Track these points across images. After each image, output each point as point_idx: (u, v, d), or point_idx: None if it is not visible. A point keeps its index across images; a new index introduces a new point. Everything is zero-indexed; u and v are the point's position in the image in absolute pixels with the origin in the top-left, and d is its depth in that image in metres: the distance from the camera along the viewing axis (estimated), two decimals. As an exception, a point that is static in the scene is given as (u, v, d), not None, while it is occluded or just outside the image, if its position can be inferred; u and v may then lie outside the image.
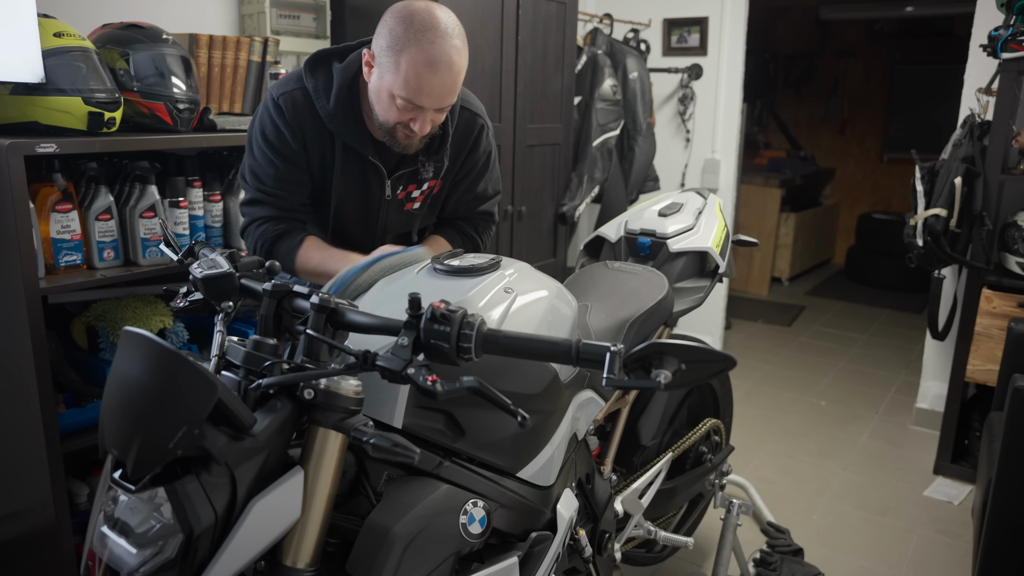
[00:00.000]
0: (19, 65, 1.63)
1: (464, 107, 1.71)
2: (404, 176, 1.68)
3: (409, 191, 1.72)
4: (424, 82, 1.43)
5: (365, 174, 1.66)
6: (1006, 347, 2.51)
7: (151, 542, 0.90)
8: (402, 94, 1.45)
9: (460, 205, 1.83)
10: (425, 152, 1.66)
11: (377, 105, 1.52)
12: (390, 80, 1.46)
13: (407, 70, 1.43)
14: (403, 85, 1.44)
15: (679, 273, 2.03)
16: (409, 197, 1.73)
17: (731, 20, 3.90)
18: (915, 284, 5.63)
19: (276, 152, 1.60)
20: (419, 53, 1.42)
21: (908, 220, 2.91)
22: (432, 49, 1.42)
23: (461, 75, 1.49)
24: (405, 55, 1.43)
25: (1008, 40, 2.59)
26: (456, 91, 1.50)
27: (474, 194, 1.82)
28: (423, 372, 0.95)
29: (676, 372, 0.90)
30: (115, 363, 0.95)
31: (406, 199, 1.73)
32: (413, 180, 1.70)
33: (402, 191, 1.71)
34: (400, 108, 1.48)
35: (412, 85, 1.44)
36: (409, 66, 1.43)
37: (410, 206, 1.74)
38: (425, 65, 1.42)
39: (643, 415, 1.98)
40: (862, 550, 2.53)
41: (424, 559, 1.10)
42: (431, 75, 1.43)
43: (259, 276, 1.22)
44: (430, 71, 1.43)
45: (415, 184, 1.71)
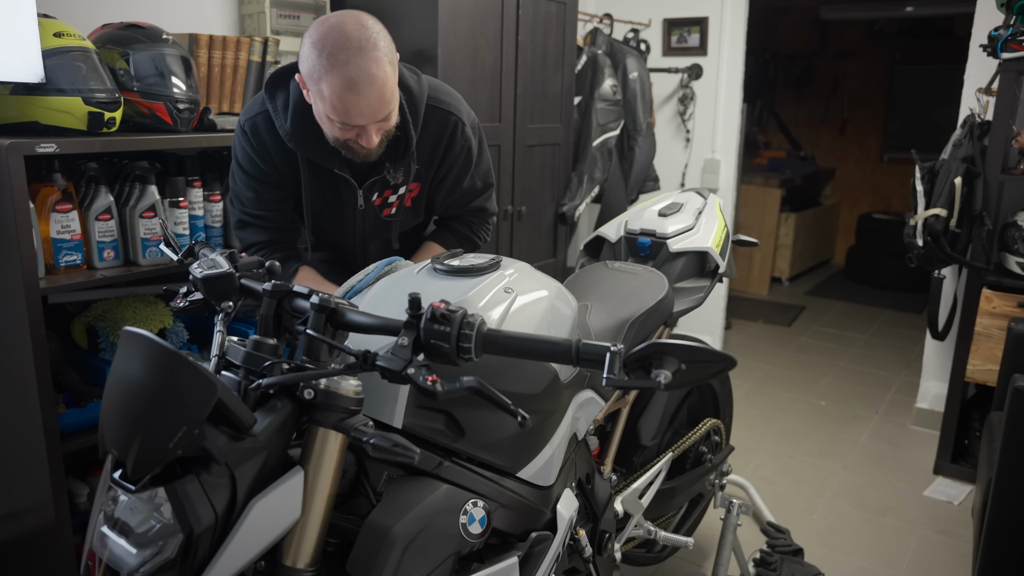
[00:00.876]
0: (19, 65, 1.63)
1: (434, 106, 1.66)
2: (377, 183, 1.66)
3: (385, 197, 1.70)
4: (350, 104, 1.41)
5: (336, 186, 1.65)
6: (1006, 347, 2.51)
7: (151, 542, 0.90)
8: (335, 117, 1.44)
9: (449, 204, 1.81)
10: (391, 157, 1.62)
11: (322, 125, 1.51)
12: (321, 106, 1.45)
13: (330, 96, 1.41)
14: (332, 110, 1.43)
15: (679, 273, 2.03)
16: (386, 203, 1.71)
17: (731, 20, 3.90)
18: (915, 284, 5.63)
19: (251, 177, 1.65)
20: (335, 78, 1.38)
21: (908, 220, 2.91)
22: (347, 70, 1.38)
23: (388, 84, 1.43)
24: (324, 82, 1.40)
25: (1008, 40, 2.59)
26: (388, 101, 1.45)
27: (460, 191, 1.79)
28: (423, 372, 0.95)
29: (676, 372, 0.90)
30: (115, 363, 0.95)
31: (383, 206, 1.71)
32: (386, 187, 1.68)
33: (378, 198, 1.69)
34: (340, 128, 1.46)
35: (340, 109, 1.42)
36: (331, 92, 1.40)
37: (387, 212, 1.72)
38: (345, 88, 1.39)
39: (643, 415, 1.98)
40: (862, 550, 2.53)
41: (424, 559, 1.10)
42: (354, 96, 1.40)
43: (259, 276, 1.22)
44: (352, 93, 1.39)
45: (390, 190, 1.69)
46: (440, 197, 1.79)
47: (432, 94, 1.67)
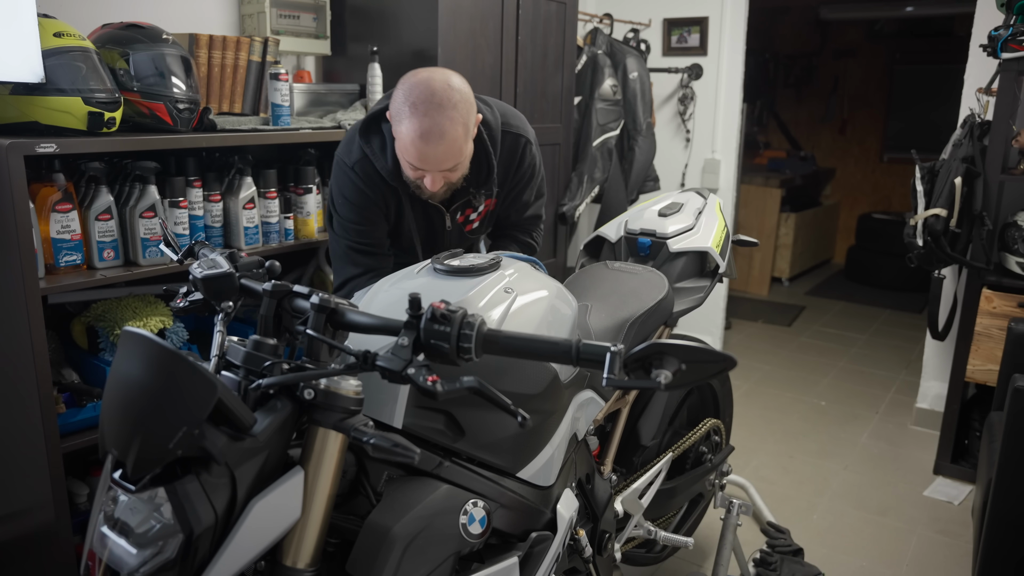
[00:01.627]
0: (19, 65, 1.63)
1: (507, 131, 1.83)
2: (460, 206, 1.86)
3: (467, 215, 1.90)
4: (418, 151, 1.58)
5: (428, 212, 1.85)
6: (1006, 347, 2.51)
7: (151, 542, 0.90)
8: (406, 157, 1.62)
9: (511, 213, 1.98)
10: (474, 183, 1.81)
11: (400, 161, 1.68)
12: (398, 145, 1.64)
13: (404, 139, 1.59)
14: (404, 151, 1.62)
15: (679, 273, 2.03)
16: (467, 220, 1.91)
17: (731, 20, 3.90)
18: (915, 284, 5.63)
19: (361, 209, 1.80)
20: (412, 125, 1.56)
21: (908, 220, 2.91)
22: (424, 122, 1.55)
23: (458, 142, 1.60)
24: (403, 125, 1.58)
25: (1008, 40, 2.59)
26: (455, 156, 1.61)
27: (523, 202, 1.96)
28: (423, 372, 0.95)
29: (676, 372, 0.90)
30: (115, 363, 0.95)
31: (465, 223, 1.91)
32: (469, 206, 1.87)
33: (461, 216, 1.88)
34: (410, 168, 1.65)
35: (410, 152, 1.60)
36: (406, 135, 1.58)
37: (469, 228, 1.92)
38: (418, 137, 1.56)
39: (643, 415, 1.98)
40: (862, 550, 2.53)
41: (424, 559, 1.10)
42: (424, 145, 1.57)
43: (259, 276, 1.22)
44: (423, 142, 1.57)
45: (471, 209, 1.88)
46: (505, 207, 1.96)
47: (504, 120, 1.84)
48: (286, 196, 2.31)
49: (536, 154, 1.92)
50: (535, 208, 2.01)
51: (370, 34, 2.67)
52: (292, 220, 2.31)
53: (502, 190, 1.90)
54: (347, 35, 2.73)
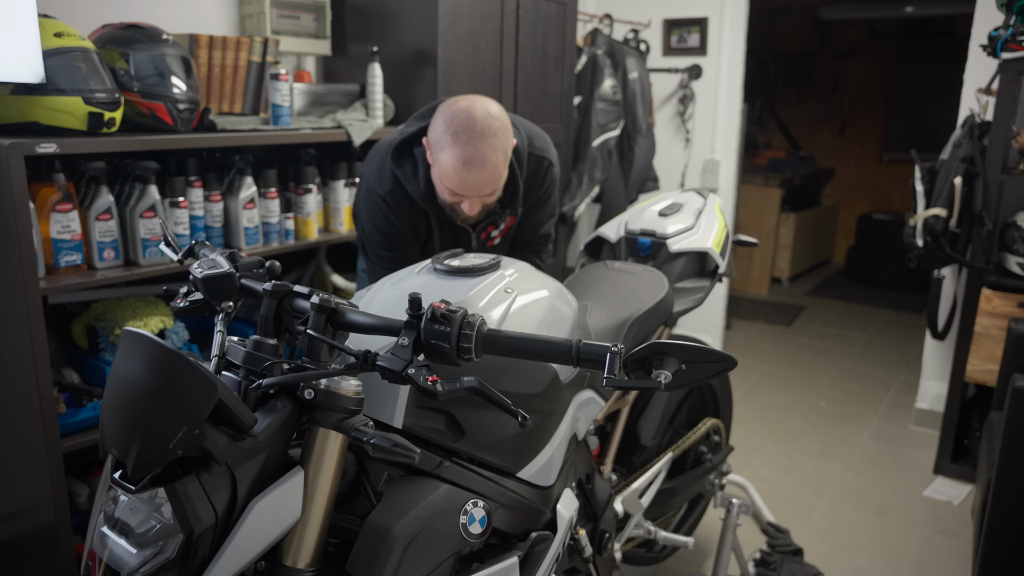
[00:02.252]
0: (19, 65, 1.63)
1: (532, 153, 1.88)
2: (485, 224, 1.91)
3: (489, 231, 1.94)
4: (460, 178, 1.63)
5: (455, 232, 1.89)
6: (1006, 347, 2.51)
7: (151, 542, 0.90)
8: (447, 184, 1.66)
9: (524, 231, 2.01)
10: (500, 204, 1.85)
11: (436, 185, 1.72)
12: (437, 171, 1.68)
13: (446, 166, 1.63)
14: (444, 178, 1.65)
15: (679, 273, 2.03)
16: (490, 236, 1.95)
17: (731, 20, 3.90)
18: (915, 284, 5.63)
19: (392, 237, 1.85)
20: (454, 153, 1.60)
21: (908, 220, 2.91)
22: (467, 149, 1.60)
23: (498, 168, 1.65)
24: (444, 153, 1.62)
25: (1008, 40, 2.59)
26: (495, 182, 1.67)
27: (535, 220, 2.00)
28: (423, 372, 0.95)
29: (676, 372, 0.90)
30: (115, 363, 0.95)
31: (487, 239, 1.96)
32: (492, 224, 1.92)
33: (484, 234, 1.93)
34: (449, 194, 1.69)
35: (452, 179, 1.64)
36: (448, 163, 1.62)
37: (491, 243, 1.97)
38: (461, 164, 1.61)
39: (643, 415, 1.98)
40: (862, 550, 2.53)
41: (424, 559, 1.10)
42: (466, 172, 1.61)
43: (259, 276, 1.22)
44: (465, 169, 1.61)
45: (493, 225, 1.93)
46: (522, 226, 2.00)
47: (530, 142, 1.89)
48: (286, 196, 2.31)
49: (556, 176, 1.98)
50: (547, 227, 2.05)
51: (370, 34, 2.67)
52: (292, 220, 2.31)
53: (523, 209, 1.94)
54: (347, 35, 2.73)
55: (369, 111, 2.53)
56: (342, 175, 2.42)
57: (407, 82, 2.61)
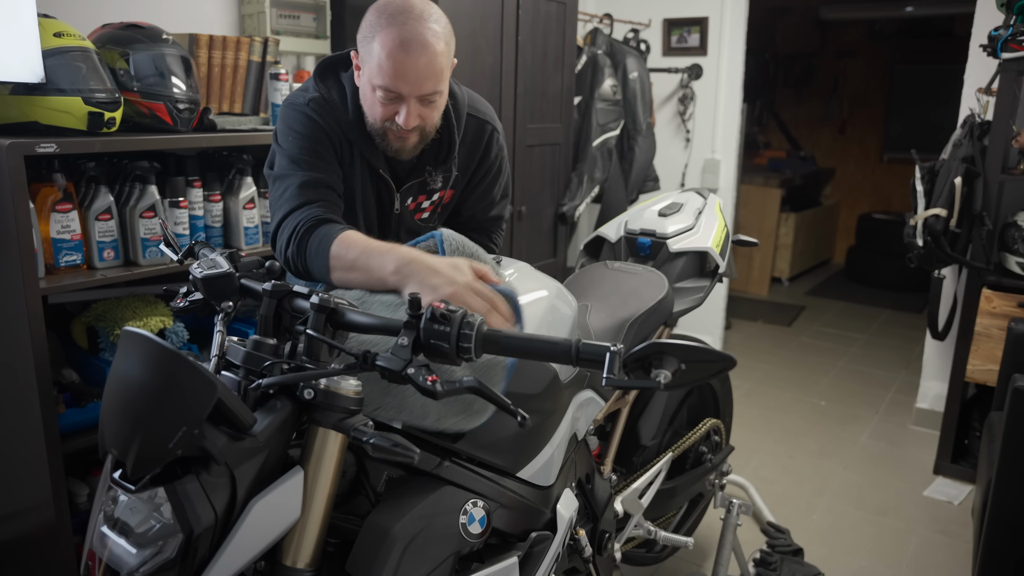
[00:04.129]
0: (19, 65, 1.63)
1: (471, 114, 1.66)
2: (413, 187, 1.65)
3: (419, 201, 1.69)
4: (397, 64, 1.38)
5: (377, 187, 1.62)
6: (1006, 347, 2.51)
7: (151, 542, 0.90)
8: (379, 81, 1.41)
9: (475, 211, 1.78)
10: (432, 161, 1.63)
11: (364, 104, 1.49)
12: (368, 71, 1.43)
13: (380, 54, 1.39)
14: (378, 71, 1.40)
15: (679, 273, 2.03)
16: (419, 208, 1.70)
17: (731, 20, 3.90)
18: (915, 284, 5.63)
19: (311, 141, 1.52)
20: (390, 35, 1.38)
21: (908, 220, 2.91)
22: (404, 30, 1.38)
23: (440, 59, 1.41)
24: (378, 39, 1.39)
25: (1008, 40, 2.59)
26: (436, 77, 1.42)
27: (488, 200, 1.78)
28: (423, 372, 0.95)
29: (676, 372, 0.90)
30: (115, 363, 0.95)
31: (416, 210, 1.69)
32: (423, 191, 1.67)
33: (412, 202, 1.68)
34: (381, 101, 1.44)
35: (386, 68, 1.39)
36: (382, 49, 1.39)
37: (419, 216, 1.70)
38: (397, 46, 1.37)
39: (643, 415, 1.98)
40: (862, 550, 2.53)
41: (424, 559, 1.10)
42: (404, 56, 1.38)
43: (259, 276, 1.22)
44: (403, 52, 1.38)
45: (425, 195, 1.68)
46: (468, 204, 1.77)
47: (471, 103, 1.67)
48: (286, 196, 2.31)
49: (503, 148, 1.75)
50: (499, 208, 1.81)
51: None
52: (292, 220, 2.31)
53: (462, 181, 1.71)
54: (347, 35, 2.73)
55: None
56: (342, 175, 2.42)
57: (407, 82, 2.61)
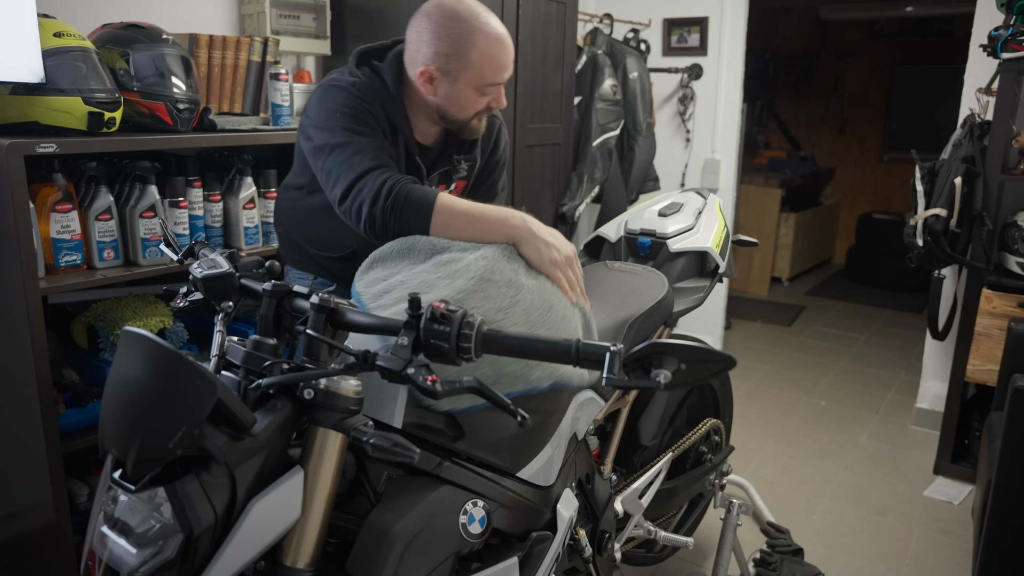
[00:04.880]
0: (19, 65, 1.63)
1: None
2: (437, 176, 1.72)
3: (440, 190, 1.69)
4: (500, 59, 1.54)
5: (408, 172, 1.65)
6: (1006, 347, 2.51)
7: (151, 542, 0.90)
8: (490, 79, 1.55)
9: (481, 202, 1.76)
10: (457, 148, 1.72)
11: (455, 107, 1.58)
12: (468, 77, 1.54)
13: (481, 56, 1.51)
14: (489, 70, 1.54)
15: (679, 273, 2.03)
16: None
17: (731, 20, 3.90)
18: (915, 284, 5.63)
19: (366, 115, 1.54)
20: (484, 38, 1.51)
21: (908, 220, 2.91)
22: (490, 29, 1.52)
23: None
24: (474, 47, 1.51)
25: (1008, 40, 2.59)
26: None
27: (493, 192, 1.84)
28: (423, 372, 0.95)
29: (676, 372, 0.90)
30: (115, 363, 0.95)
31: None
32: (444, 180, 1.74)
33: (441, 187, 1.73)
34: (482, 94, 1.57)
35: (495, 65, 1.54)
36: (483, 51, 1.51)
37: None
38: (495, 44, 1.52)
39: (643, 415, 1.98)
40: (862, 550, 2.53)
41: (424, 559, 1.10)
42: (501, 51, 1.54)
43: (259, 276, 1.22)
44: (500, 48, 1.53)
45: (444, 184, 1.74)
46: (477, 196, 1.80)
47: None
48: (286, 196, 2.31)
49: (507, 142, 1.84)
50: (499, 200, 1.85)
51: (370, 34, 2.67)
52: (292, 220, 2.31)
53: (474, 172, 1.78)
54: (347, 35, 2.73)
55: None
56: (342, 175, 2.42)
57: (407, 82, 2.61)
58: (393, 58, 1.61)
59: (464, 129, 1.64)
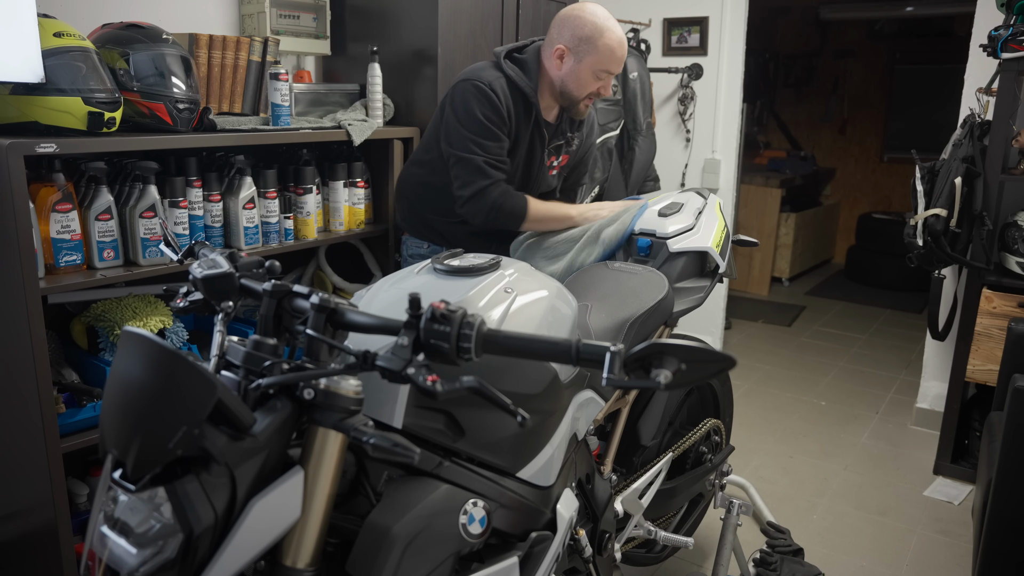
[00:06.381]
0: (19, 65, 1.63)
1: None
2: (552, 148, 2.22)
3: (551, 161, 2.25)
4: (619, 55, 2.06)
5: (535, 144, 2.16)
6: (1006, 347, 2.51)
7: (151, 542, 0.90)
8: (604, 67, 2.05)
9: (572, 175, 2.37)
10: (570, 128, 2.24)
11: (574, 83, 2.07)
12: (591, 60, 2.04)
13: (606, 49, 2.03)
14: (605, 60, 2.04)
15: (679, 273, 2.02)
16: (551, 165, 2.26)
17: (731, 20, 3.90)
18: (915, 284, 5.63)
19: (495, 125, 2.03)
20: (612, 35, 2.04)
21: (908, 220, 2.91)
22: (618, 32, 2.05)
23: None
24: (604, 39, 2.02)
25: (1008, 40, 2.59)
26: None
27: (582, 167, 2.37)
28: (423, 372, 0.95)
29: (676, 372, 0.90)
30: (115, 363, 0.95)
31: (550, 166, 2.26)
32: (555, 152, 2.24)
33: (547, 159, 2.22)
34: (596, 79, 2.06)
35: (611, 58, 2.04)
36: (609, 45, 2.03)
37: (551, 172, 2.27)
38: (618, 44, 2.05)
39: (643, 415, 1.98)
40: (862, 550, 2.53)
41: (424, 559, 1.10)
42: (620, 50, 2.06)
43: (259, 276, 1.22)
44: (620, 48, 2.05)
45: (555, 156, 2.26)
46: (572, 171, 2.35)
47: None
48: (286, 196, 2.31)
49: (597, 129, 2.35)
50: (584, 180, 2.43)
51: (370, 34, 2.67)
52: (292, 220, 2.31)
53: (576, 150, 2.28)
54: (347, 35, 2.73)
55: (369, 111, 2.53)
56: (341, 175, 2.42)
57: (407, 82, 2.61)
58: (533, 51, 2.12)
59: (574, 108, 2.13)
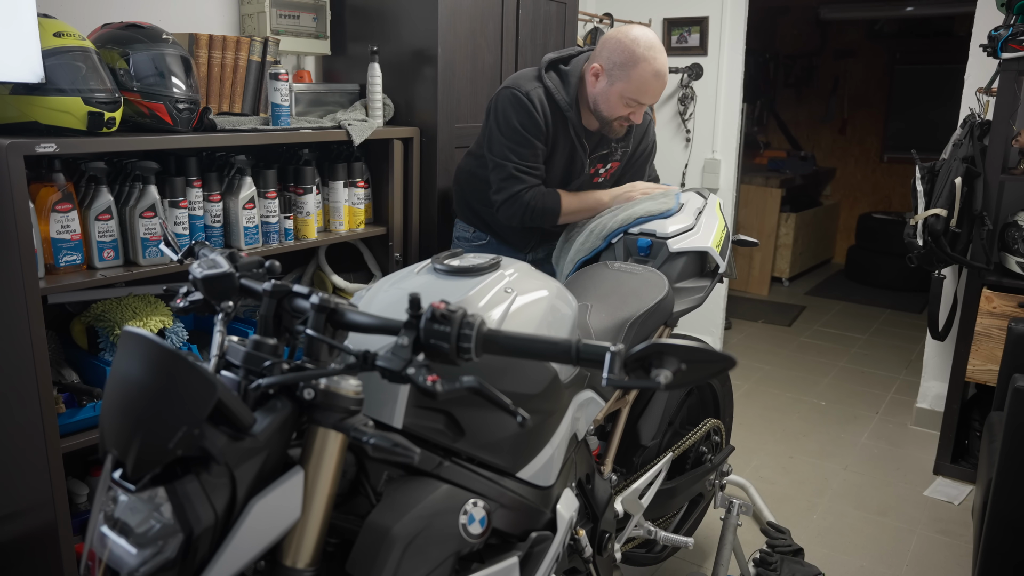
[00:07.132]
0: (19, 65, 1.63)
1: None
2: (596, 158, 2.22)
3: (597, 169, 2.26)
4: (653, 87, 2.01)
5: (575, 153, 2.16)
6: (1006, 347, 2.51)
7: (151, 542, 0.90)
8: (633, 96, 2.01)
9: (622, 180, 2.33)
10: (616, 140, 2.21)
11: (604, 104, 2.05)
12: (622, 87, 2.00)
13: (639, 79, 1.98)
14: (635, 90, 2.00)
15: (679, 273, 2.03)
16: (597, 173, 2.27)
17: (731, 20, 3.90)
18: (915, 284, 5.63)
19: (535, 137, 2.08)
20: (648, 67, 1.98)
21: (908, 220, 2.91)
22: (656, 64, 1.99)
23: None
24: (638, 69, 1.97)
25: (1008, 40, 2.59)
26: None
27: (643, 173, 2.35)
28: (423, 372, 0.95)
29: (676, 372, 0.89)
30: (115, 363, 0.95)
31: (595, 174, 2.26)
32: (601, 161, 2.24)
33: (592, 168, 2.23)
34: (626, 106, 2.03)
35: (643, 90, 2.00)
36: (642, 75, 1.98)
37: (596, 180, 2.27)
38: (653, 76, 1.99)
39: (643, 415, 1.98)
40: (862, 550, 2.53)
41: (424, 559, 1.10)
42: (657, 82, 2.01)
43: (259, 276, 1.22)
44: (657, 80, 2.00)
45: (602, 164, 2.25)
46: (628, 176, 2.34)
47: None
48: (286, 196, 2.31)
49: (655, 135, 2.34)
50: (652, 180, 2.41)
51: (370, 34, 2.67)
52: (292, 220, 2.31)
53: (627, 156, 2.27)
54: (347, 35, 2.73)
55: (369, 111, 2.53)
56: (341, 175, 2.42)
57: (407, 82, 2.61)
58: (579, 61, 2.12)
59: (607, 127, 2.11)
